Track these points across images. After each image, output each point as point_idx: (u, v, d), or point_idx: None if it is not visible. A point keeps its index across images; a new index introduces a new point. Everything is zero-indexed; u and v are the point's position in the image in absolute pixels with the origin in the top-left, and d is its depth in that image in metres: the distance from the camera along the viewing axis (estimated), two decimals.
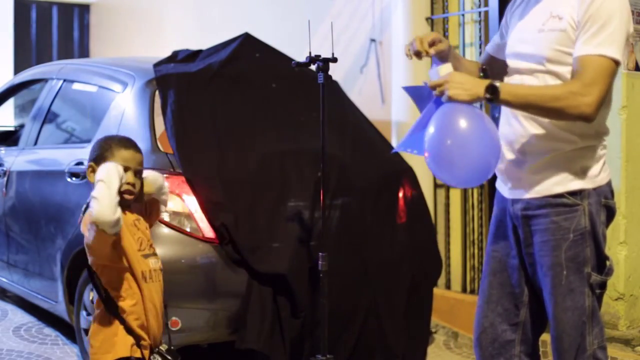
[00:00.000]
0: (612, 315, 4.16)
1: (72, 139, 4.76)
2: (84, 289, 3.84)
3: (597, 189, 2.49)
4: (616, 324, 4.15)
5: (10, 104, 6.50)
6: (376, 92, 5.60)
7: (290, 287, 3.57)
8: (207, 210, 3.59)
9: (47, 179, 4.37)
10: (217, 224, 3.56)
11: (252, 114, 4.00)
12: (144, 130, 3.85)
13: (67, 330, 4.46)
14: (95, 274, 2.72)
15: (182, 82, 3.97)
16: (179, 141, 3.71)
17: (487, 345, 2.67)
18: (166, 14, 8.34)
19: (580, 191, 2.47)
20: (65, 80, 4.78)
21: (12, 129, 6.16)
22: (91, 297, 3.67)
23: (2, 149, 5.16)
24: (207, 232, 3.59)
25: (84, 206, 2.73)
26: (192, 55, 4.38)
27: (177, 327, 3.48)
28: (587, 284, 2.47)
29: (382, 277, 3.91)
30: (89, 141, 4.10)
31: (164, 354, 2.78)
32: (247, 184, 3.71)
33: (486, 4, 4.94)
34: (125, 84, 4.15)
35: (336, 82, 4.31)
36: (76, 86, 4.73)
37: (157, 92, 3.96)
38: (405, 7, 5.35)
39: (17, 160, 4.77)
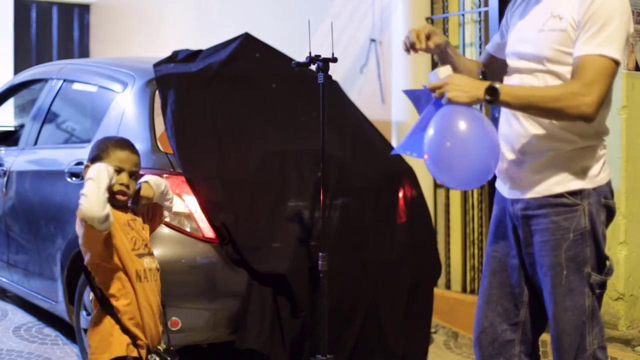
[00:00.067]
0: (612, 315, 4.16)
1: (72, 139, 4.76)
2: (84, 289, 3.84)
3: (597, 189, 2.49)
4: (616, 324, 4.15)
5: (10, 104, 6.49)
6: (376, 92, 5.60)
7: (290, 287, 3.57)
8: (207, 210, 3.59)
9: (47, 179, 4.37)
10: (217, 224, 3.56)
11: (252, 114, 4.00)
12: (144, 130, 3.85)
13: (67, 330, 4.46)
14: (90, 274, 2.74)
15: (182, 82, 3.97)
16: (179, 141, 3.71)
17: (487, 345, 2.67)
18: (166, 14, 8.34)
19: (580, 191, 2.47)
20: (65, 80, 4.78)
21: (12, 129, 6.15)
22: (91, 297, 3.66)
23: (2, 149, 5.16)
24: (207, 232, 3.59)
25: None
26: (192, 55, 4.38)
27: (177, 327, 3.48)
28: (587, 283, 2.47)
29: (382, 277, 3.91)
30: (89, 141, 4.10)
31: (161, 353, 2.78)
32: (247, 184, 3.71)
33: (486, 4, 4.94)
34: (125, 84, 4.15)
35: (336, 82, 4.31)
36: (76, 86, 4.73)
37: (157, 92, 3.96)
38: (405, 7, 5.35)
39: (17, 160, 4.77)
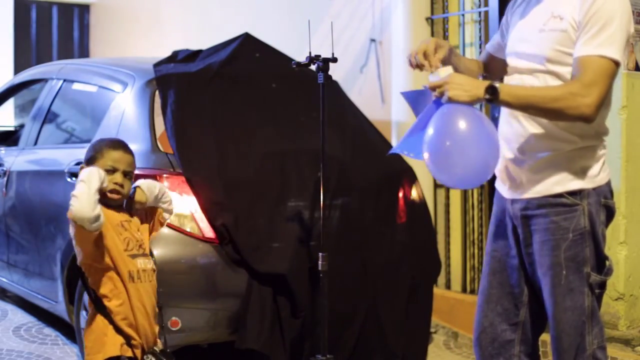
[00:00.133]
0: (612, 315, 4.16)
1: (72, 139, 4.76)
2: (84, 289, 3.83)
3: (597, 189, 2.49)
4: (616, 324, 4.15)
5: (10, 104, 6.49)
6: (376, 92, 5.60)
7: (290, 287, 3.57)
8: (207, 210, 3.59)
9: (47, 179, 4.37)
10: (217, 224, 3.56)
11: (252, 114, 3.99)
12: (144, 130, 3.85)
13: (67, 330, 4.46)
14: (84, 274, 2.74)
15: (182, 82, 3.97)
16: (179, 141, 3.71)
17: (487, 345, 2.67)
18: (166, 14, 8.34)
19: (579, 191, 2.47)
20: (65, 80, 4.78)
21: (12, 129, 6.15)
22: None
23: (2, 149, 5.16)
24: (207, 232, 3.59)
25: None
26: (192, 55, 4.38)
27: (177, 327, 3.48)
28: (587, 283, 2.47)
29: (382, 277, 3.91)
30: (88, 141, 4.08)
31: (157, 354, 2.78)
32: (247, 184, 3.71)
33: (486, 4, 4.94)
34: (125, 84, 4.15)
35: (336, 82, 4.31)
36: (76, 86, 4.73)
37: (157, 92, 3.96)
38: (405, 7, 5.35)
39: (17, 160, 4.77)
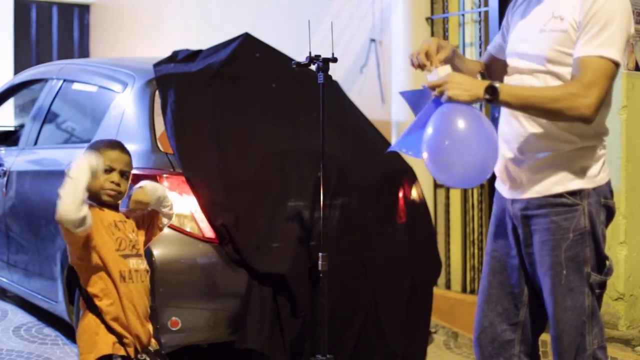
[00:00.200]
0: (612, 315, 4.16)
1: (72, 139, 4.76)
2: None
3: (597, 189, 2.49)
4: (616, 324, 4.15)
5: (10, 104, 6.49)
6: (376, 92, 5.60)
7: (290, 287, 3.57)
8: (207, 210, 3.59)
9: (47, 179, 4.37)
10: (217, 224, 3.56)
11: (252, 114, 3.99)
12: (144, 130, 3.85)
13: (67, 330, 4.46)
14: (76, 273, 2.74)
15: (182, 82, 3.97)
16: (179, 141, 3.71)
17: (487, 344, 2.67)
18: (166, 14, 8.33)
19: (579, 191, 2.47)
20: (65, 80, 4.78)
21: (12, 129, 6.15)
22: None
23: (2, 149, 5.16)
24: (207, 232, 3.59)
25: None
26: (192, 55, 4.38)
27: (177, 327, 3.48)
28: (587, 283, 2.47)
29: (382, 277, 3.91)
30: (88, 141, 4.08)
31: (151, 353, 2.77)
32: (247, 183, 3.71)
33: (486, 4, 4.94)
34: (125, 84, 4.15)
35: (336, 82, 4.31)
36: (76, 86, 4.73)
37: (157, 92, 3.96)
38: (405, 7, 5.35)
39: (17, 160, 4.77)
